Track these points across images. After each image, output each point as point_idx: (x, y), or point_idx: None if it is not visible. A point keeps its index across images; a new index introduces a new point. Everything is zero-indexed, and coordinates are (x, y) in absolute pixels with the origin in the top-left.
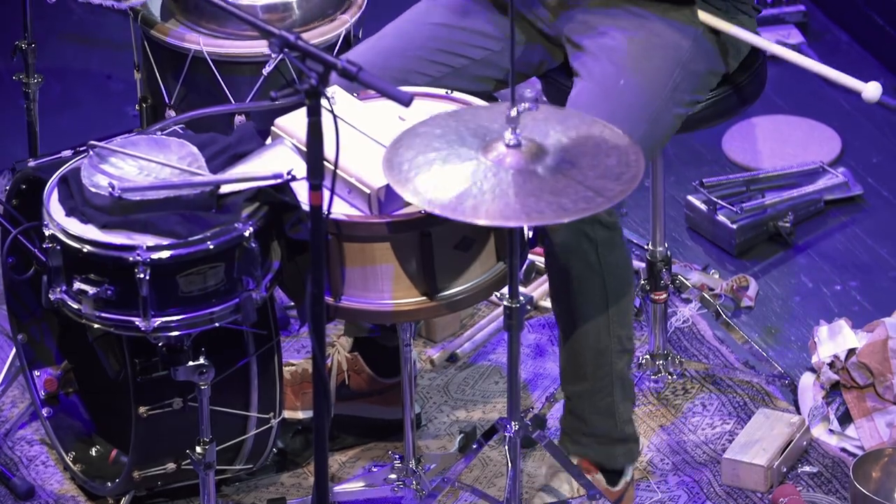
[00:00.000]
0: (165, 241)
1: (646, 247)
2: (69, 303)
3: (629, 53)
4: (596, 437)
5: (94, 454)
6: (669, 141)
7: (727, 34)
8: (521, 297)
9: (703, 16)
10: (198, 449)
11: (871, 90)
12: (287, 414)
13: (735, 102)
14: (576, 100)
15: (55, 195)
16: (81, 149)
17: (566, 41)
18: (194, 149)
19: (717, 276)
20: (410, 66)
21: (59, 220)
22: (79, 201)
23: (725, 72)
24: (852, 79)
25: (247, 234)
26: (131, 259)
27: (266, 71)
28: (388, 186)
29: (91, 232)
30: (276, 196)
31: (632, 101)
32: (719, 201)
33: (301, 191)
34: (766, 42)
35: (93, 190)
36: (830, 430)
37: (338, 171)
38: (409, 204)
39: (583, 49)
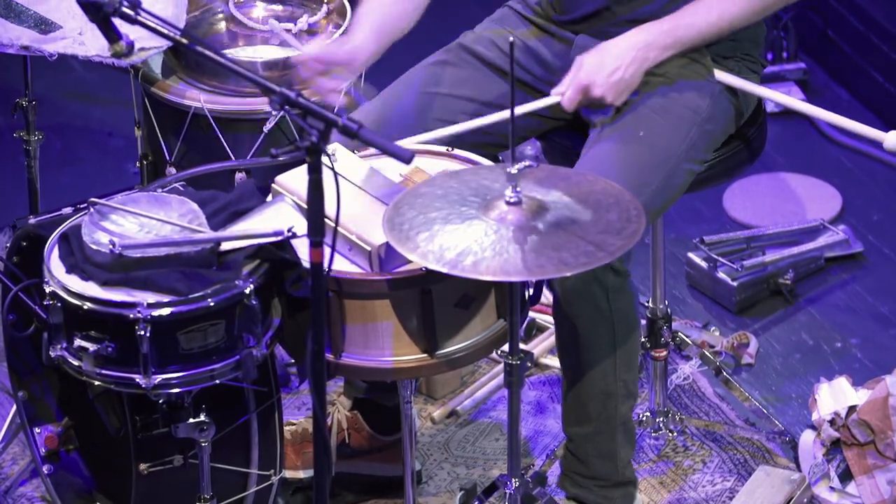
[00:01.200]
0: (166, 299)
1: (646, 304)
2: (70, 360)
3: (649, 107)
4: (596, 480)
5: None
6: None
7: (743, 92)
8: (522, 355)
9: (720, 74)
10: None
11: (892, 139)
12: (288, 473)
13: (741, 159)
14: (593, 148)
15: (56, 252)
16: (82, 206)
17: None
18: (195, 206)
19: (717, 333)
20: (408, 135)
21: (59, 277)
22: (79, 258)
23: (734, 131)
24: (872, 129)
25: (247, 291)
26: (132, 316)
27: (267, 128)
28: (388, 244)
29: (92, 289)
30: (276, 253)
31: (649, 154)
32: (720, 259)
33: (302, 248)
34: (786, 97)
35: (93, 247)
36: (831, 488)
37: (338, 228)
38: (409, 261)
39: (599, 105)
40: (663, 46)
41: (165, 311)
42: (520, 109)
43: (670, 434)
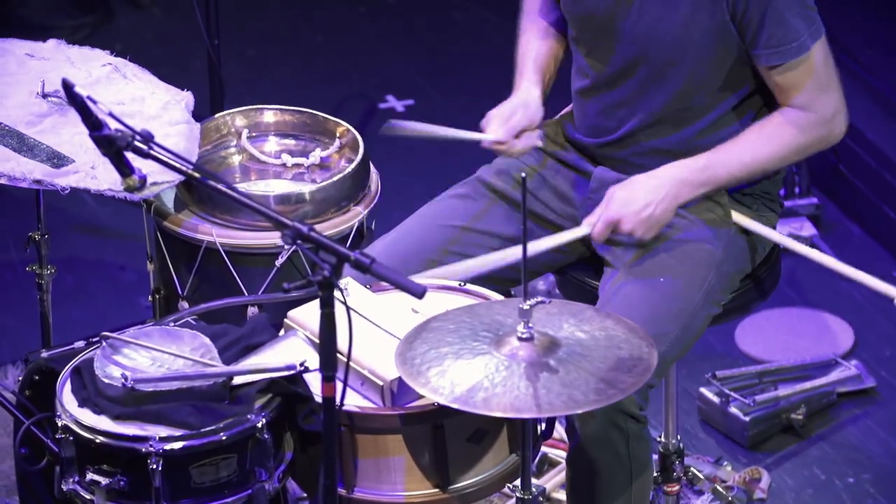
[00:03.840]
0: (178, 432)
1: (658, 439)
2: (82, 493)
3: (668, 251)
4: None
5: None
6: None
7: (756, 233)
8: (534, 489)
9: (737, 216)
10: None
11: None
12: None
13: (755, 296)
14: (612, 292)
15: (68, 386)
16: (94, 340)
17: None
18: (207, 340)
19: (729, 468)
20: (425, 269)
21: (71, 410)
22: (92, 392)
23: (750, 270)
24: (886, 284)
25: (259, 425)
26: (144, 450)
27: (279, 262)
28: (400, 378)
29: (104, 423)
30: (288, 387)
31: (669, 302)
32: (732, 393)
33: (314, 382)
34: (804, 248)
35: (106, 381)
36: None
37: (350, 362)
38: (422, 396)
39: (618, 244)
40: (696, 184)
41: (177, 444)
42: (547, 242)
43: None
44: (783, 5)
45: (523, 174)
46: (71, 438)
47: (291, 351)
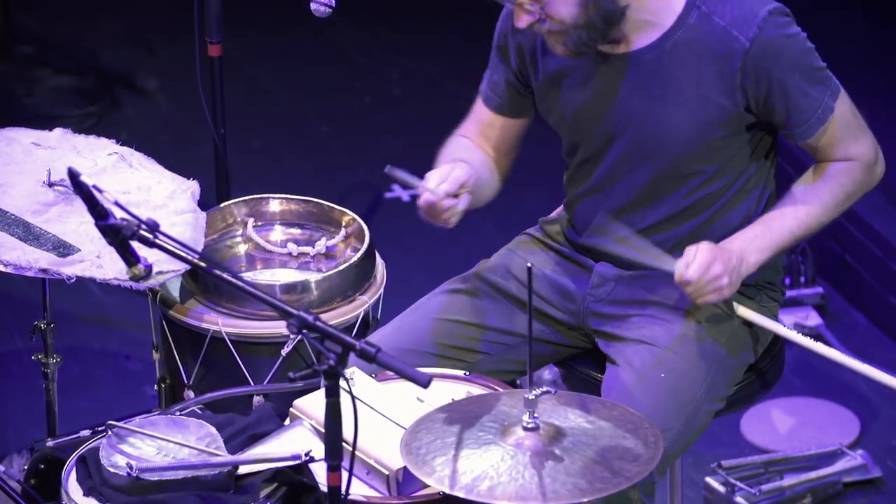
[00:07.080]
0: None
1: None
2: None
3: (669, 347)
4: None
5: None
6: None
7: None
8: None
9: (740, 310)
10: None
11: None
12: None
13: (757, 388)
14: (613, 388)
15: (73, 475)
16: (100, 429)
17: (594, 332)
18: (213, 429)
19: None
20: (425, 363)
21: (77, 499)
22: (97, 481)
23: (753, 362)
24: (890, 376)
25: None
26: None
27: (285, 352)
28: (406, 468)
29: None
30: (294, 477)
31: (670, 399)
32: (737, 483)
33: (320, 472)
34: (805, 340)
35: (111, 470)
36: None
37: (356, 452)
38: (427, 485)
39: (619, 339)
40: (757, 251)
41: None
42: (641, 258)
43: None
44: (801, 78)
45: (529, 264)
46: None
47: (297, 440)
